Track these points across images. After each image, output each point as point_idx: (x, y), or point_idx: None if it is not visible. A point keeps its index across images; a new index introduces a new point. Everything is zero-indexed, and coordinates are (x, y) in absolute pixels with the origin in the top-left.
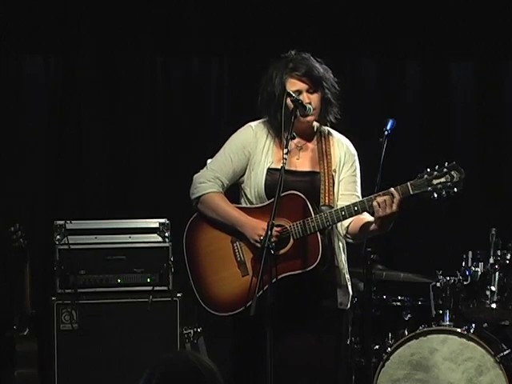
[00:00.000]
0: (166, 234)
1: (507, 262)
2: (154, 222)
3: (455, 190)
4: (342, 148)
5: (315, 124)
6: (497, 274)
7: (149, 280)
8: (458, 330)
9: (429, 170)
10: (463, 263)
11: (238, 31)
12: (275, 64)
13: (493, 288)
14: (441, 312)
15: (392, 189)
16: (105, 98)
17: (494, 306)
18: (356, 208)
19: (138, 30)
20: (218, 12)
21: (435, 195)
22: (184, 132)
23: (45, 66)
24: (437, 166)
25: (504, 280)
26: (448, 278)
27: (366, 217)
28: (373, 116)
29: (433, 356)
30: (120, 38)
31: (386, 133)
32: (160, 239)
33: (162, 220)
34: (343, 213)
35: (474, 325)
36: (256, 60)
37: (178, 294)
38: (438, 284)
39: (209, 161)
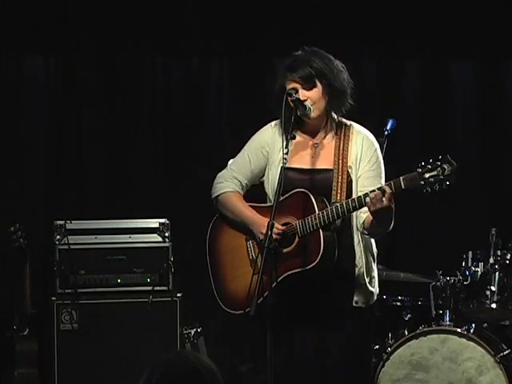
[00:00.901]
0: (166, 234)
1: (507, 261)
2: (154, 222)
3: (447, 182)
4: (359, 143)
5: (336, 118)
6: (497, 273)
7: (149, 280)
8: (458, 330)
9: (423, 163)
10: (463, 263)
11: (238, 31)
12: (281, 62)
13: (493, 288)
14: (441, 312)
15: (384, 184)
16: (105, 98)
17: (494, 305)
18: (354, 204)
19: (138, 30)
20: (217, 12)
21: (428, 189)
22: (184, 132)
23: (45, 66)
24: (431, 160)
25: (504, 280)
26: (448, 278)
27: None
28: (373, 116)
29: (433, 356)
30: (120, 38)
31: (386, 133)
32: (160, 239)
33: (162, 220)
34: (342, 209)
35: (473, 325)
36: (256, 60)
37: (178, 294)
38: (438, 284)
39: (230, 161)
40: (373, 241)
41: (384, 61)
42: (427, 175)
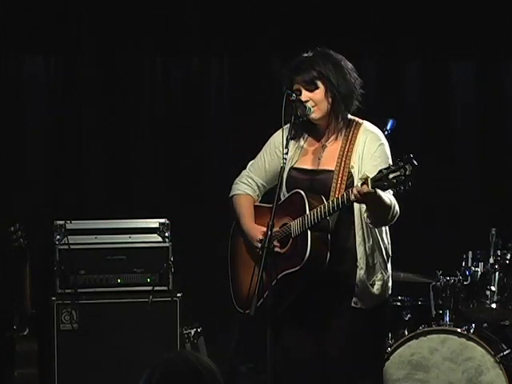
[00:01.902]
0: (166, 234)
1: (507, 261)
2: (153, 222)
3: (409, 184)
4: (363, 142)
5: (346, 117)
6: (497, 274)
7: (149, 280)
8: (458, 330)
9: (390, 163)
10: (463, 263)
11: (237, 31)
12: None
13: (493, 288)
14: (441, 312)
15: (358, 183)
16: (105, 98)
17: (494, 305)
18: (341, 200)
19: (138, 30)
20: (218, 12)
21: (393, 189)
22: (184, 132)
23: (45, 66)
24: (397, 160)
25: (504, 280)
26: (448, 278)
27: None
28: (373, 116)
29: (433, 356)
30: (120, 38)
31: (385, 133)
32: (160, 239)
33: (162, 220)
34: (328, 207)
35: (473, 325)
36: (256, 60)
37: (178, 294)
38: (438, 284)
39: (251, 162)
40: (386, 243)
41: (384, 61)
42: (391, 176)
